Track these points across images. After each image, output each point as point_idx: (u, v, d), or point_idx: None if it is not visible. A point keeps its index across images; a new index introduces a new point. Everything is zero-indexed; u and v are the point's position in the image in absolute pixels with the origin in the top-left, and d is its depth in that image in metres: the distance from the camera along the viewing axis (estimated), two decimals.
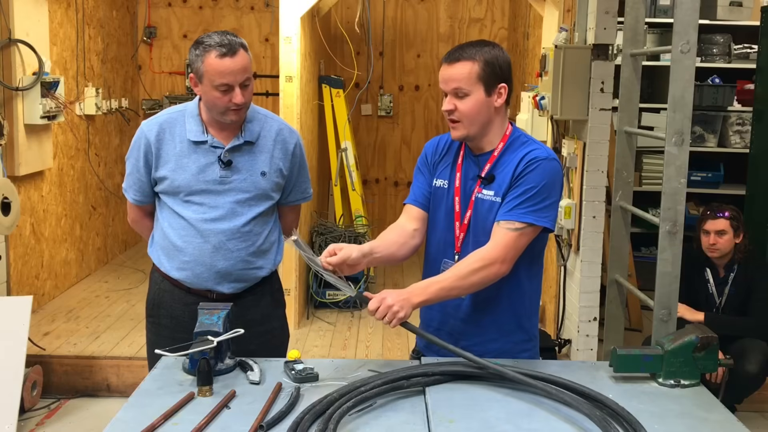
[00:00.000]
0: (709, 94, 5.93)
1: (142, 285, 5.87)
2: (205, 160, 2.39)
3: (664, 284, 2.41)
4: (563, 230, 4.22)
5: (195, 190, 2.39)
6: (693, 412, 1.94)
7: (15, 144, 4.56)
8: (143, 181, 2.45)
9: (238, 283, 2.46)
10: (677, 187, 2.41)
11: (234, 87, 2.30)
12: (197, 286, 2.44)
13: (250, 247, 2.44)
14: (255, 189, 2.42)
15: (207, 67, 2.28)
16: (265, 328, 2.53)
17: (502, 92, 2.16)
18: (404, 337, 4.92)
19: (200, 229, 2.40)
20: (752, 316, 3.89)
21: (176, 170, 2.39)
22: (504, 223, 2.10)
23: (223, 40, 2.29)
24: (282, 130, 2.49)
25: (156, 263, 2.51)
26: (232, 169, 2.40)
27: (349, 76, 6.51)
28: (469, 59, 2.11)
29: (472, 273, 2.08)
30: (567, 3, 4.36)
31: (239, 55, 2.29)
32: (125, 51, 6.92)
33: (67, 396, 4.16)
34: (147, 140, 2.41)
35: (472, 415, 1.86)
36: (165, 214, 2.45)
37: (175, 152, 2.39)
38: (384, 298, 2.01)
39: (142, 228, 2.59)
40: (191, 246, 2.41)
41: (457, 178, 2.23)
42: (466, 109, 2.13)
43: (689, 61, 2.39)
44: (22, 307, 3.82)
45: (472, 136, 2.18)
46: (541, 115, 4.42)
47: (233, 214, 2.40)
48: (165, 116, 2.45)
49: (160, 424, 1.80)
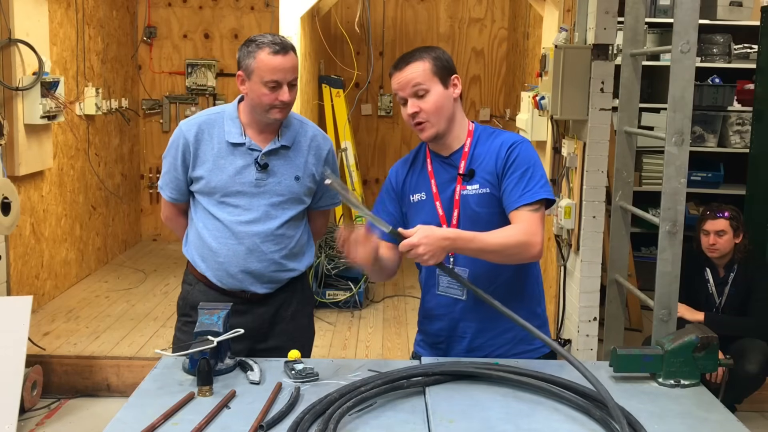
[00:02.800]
0: (709, 94, 5.93)
1: (142, 285, 5.88)
2: (243, 162, 2.42)
3: (664, 284, 2.41)
4: (563, 230, 4.22)
5: (231, 191, 2.42)
6: (693, 412, 1.94)
7: (15, 144, 4.56)
8: (180, 179, 2.49)
9: (271, 284, 2.50)
10: (677, 187, 2.41)
11: (282, 84, 2.34)
12: (231, 287, 2.47)
13: (282, 250, 2.47)
14: (289, 193, 2.46)
15: (259, 63, 2.33)
16: (294, 326, 2.58)
17: (456, 83, 2.23)
18: (404, 337, 4.92)
19: (235, 231, 2.43)
20: (752, 316, 3.89)
21: (213, 171, 2.43)
22: (523, 207, 2.13)
23: (275, 38, 2.36)
24: (316, 136, 2.54)
25: (191, 261, 2.54)
26: (267, 172, 2.43)
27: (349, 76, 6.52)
28: (418, 60, 2.18)
29: (516, 245, 2.09)
30: (567, 3, 4.36)
31: (290, 55, 2.36)
32: (125, 51, 6.92)
33: (67, 396, 4.16)
34: (185, 140, 2.44)
35: (472, 415, 1.86)
36: (200, 214, 2.49)
37: (213, 153, 2.43)
38: (417, 245, 1.95)
39: (175, 225, 2.63)
40: (225, 248, 2.44)
41: (433, 185, 2.25)
42: (430, 106, 2.17)
43: (689, 61, 2.38)
44: (22, 307, 3.82)
45: (441, 133, 2.21)
46: (541, 115, 4.42)
47: (267, 216, 2.44)
48: (204, 117, 2.48)
49: (160, 424, 1.80)
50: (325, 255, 5.38)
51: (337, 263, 5.36)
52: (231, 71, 7.09)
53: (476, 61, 7.52)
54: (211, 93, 7.26)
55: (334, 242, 5.49)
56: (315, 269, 5.34)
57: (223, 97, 7.23)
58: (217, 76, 7.24)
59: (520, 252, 2.11)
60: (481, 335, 2.26)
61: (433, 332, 2.33)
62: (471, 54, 7.51)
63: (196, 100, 7.26)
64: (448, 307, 2.27)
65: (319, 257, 5.36)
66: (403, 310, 5.49)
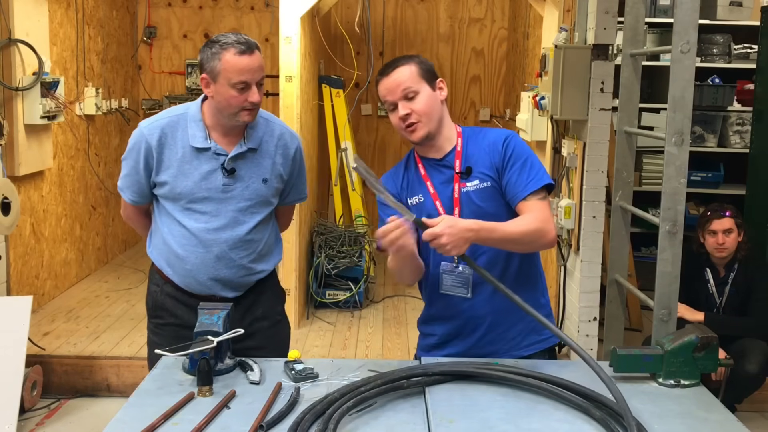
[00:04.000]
0: (709, 94, 5.92)
1: (142, 285, 5.87)
2: (208, 167, 2.36)
3: (664, 284, 2.41)
4: (563, 230, 4.22)
5: (197, 197, 2.36)
6: (693, 412, 1.94)
7: (15, 144, 4.56)
8: (142, 183, 2.41)
9: (240, 289, 2.46)
10: (677, 187, 2.41)
11: (251, 85, 2.29)
12: (199, 292, 2.43)
13: (251, 255, 2.43)
14: (257, 196, 2.41)
15: (225, 65, 2.27)
16: (268, 323, 2.54)
17: (442, 86, 2.27)
18: (404, 337, 4.92)
19: (202, 239, 2.37)
20: (752, 316, 3.89)
21: (178, 176, 2.35)
22: (530, 197, 2.18)
23: (240, 38, 2.30)
24: (283, 134, 2.48)
25: (157, 265, 2.48)
26: (234, 177, 2.37)
27: (349, 76, 6.51)
28: (404, 64, 2.22)
29: (534, 232, 2.13)
30: (567, 3, 4.36)
31: (256, 54, 2.31)
32: (125, 51, 6.92)
33: (67, 396, 4.16)
34: (148, 144, 2.36)
35: (472, 415, 1.86)
36: (165, 219, 2.42)
37: (177, 158, 2.36)
38: (441, 234, 1.97)
39: (137, 225, 2.57)
40: (193, 255, 2.38)
41: (430, 186, 2.27)
42: (421, 106, 2.20)
43: (689, 61, 2.38)
44: (22, 307, 3.82)
45: (432, 133, 2.23)
46: (541, 115, 4.42)
47: (235, 222, 2.39)
48: (166, 119, 2.40)
49: (160, 424, 1.80)
50: (325, 255, 5.37)
51: (337, 263, 5.36)
52: None
53: (476, 61, 7.52)
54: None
55: (335, 242, 5.51)
56: (315, 269, 5.34)
57: None
58: None
59: (538, 239, 2.16)
60: (494, 329, 2.27)
61: (443, 333, 2.33)
62: (471, 54, 7.51)
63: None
64: (456, 307, 2.28)
65: (319, 257, 5.36)
66: (403, 310, 5.49)
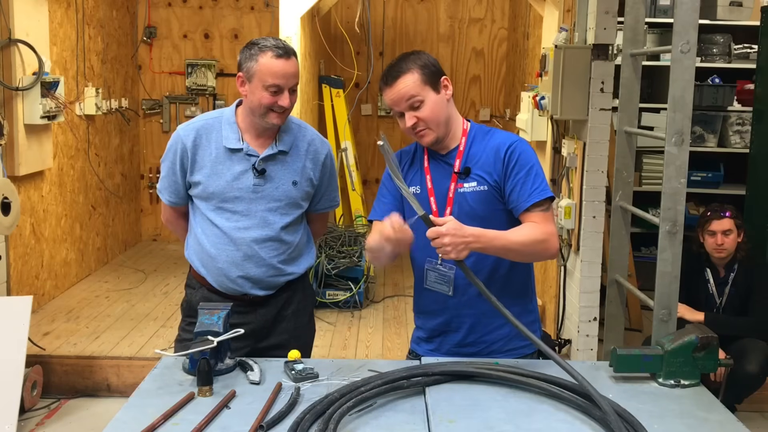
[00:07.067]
0: (709, 94, 5.92)
1: (142, 285, 5.88)
2: (240, 168, 2.42)
3: (664, 284, 2.41)
4: (563, 230, 4.22)
5: (228, 197, 2.43)
6: (693, 412, 1.94)
7: (15, 144, 4.56)
8: (178, 183, 2.49)
9: (270, 289, 2.50)
10: (677, 187, 2.41)
11: (284, 89, 2.34)
12: (232, 292, 2.48)
13: (280, 255, 2.48)
14: (286, 198, 2.46)
15: (261, 67, 2.32)
16: (296, 323, 2.58)
17: (447, 84, 2.25)
18: (404, 337, 4.92)
19: (232, 237, 2.43)
20: (752, 316, 3.89)
21: (211, 176, 2.43)
22: (534, 207, 2.18)
23: (278, 42, 2.36)
24: (314, 140, 2.55)
25: (193, 267, 2.55)
26: (265, 178, 2.43)
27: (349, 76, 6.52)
28: (406, 72, 2.20)
29: (536, 243, 2.15)
30: (567, 3, 4.36)
31: (293, 60, 2.36)
32: (125, 51, 6.92)
33: (67, 396, 4.16)
34: (183, 145, 2.44)
35: (472, 415, 1.86)
36: (198, 220, 2.50)
37: (211, 158, 2.43)
38: (444, 234, 2.00)
39: (176, 228, 2.64)
40: (224, 254, 2.44)
41: (428, 180, 2.29)
42: (427, 114, 2.21)
43: (689, 61, 2.38)
44: (22, 307, 3.82)
45: (441, 137, 2.25)
46: (541, 115, 4.42)
47: (264, 222, 2.44)
48: (202, 122, 2.48)
49: (160, 424, 1.80)
50: (325, 255, 5.37)
51: (337, 263, 5.36)
52: (231, 71, 7.09)
53: (476, 61, 7.52)
54: (211, 93, 7.26)
55: (335, 242, 5.51)
56: (315, 269, 5.34)
57: (223, 98, 7.23)
58: (217, 76, 7.24)
59: (541, 251, 2.17)
60: (475, 330, 2.29)
61: (429, 327, 2.36)
62: (471, 54, 7.51)
63: (196, 100, 7.27)
64: (439, 303, 2.30)
65: (319, 257, 5.36)
66: (403, 310, 5.48)
